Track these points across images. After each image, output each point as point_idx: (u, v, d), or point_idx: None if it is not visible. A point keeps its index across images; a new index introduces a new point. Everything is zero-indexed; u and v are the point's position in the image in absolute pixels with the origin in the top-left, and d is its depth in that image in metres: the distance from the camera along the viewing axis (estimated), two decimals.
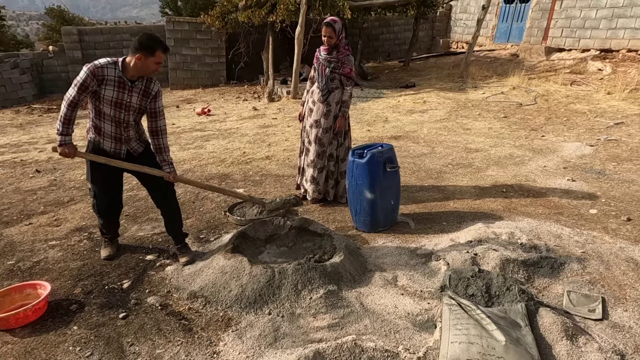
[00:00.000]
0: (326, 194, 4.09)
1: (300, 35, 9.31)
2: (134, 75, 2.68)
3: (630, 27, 9.74)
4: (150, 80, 2.79)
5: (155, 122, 2.87)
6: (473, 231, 3.23)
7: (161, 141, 2.89)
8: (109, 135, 2.81)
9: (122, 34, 13.51)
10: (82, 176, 5.18)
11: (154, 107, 2.84)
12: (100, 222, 3.15)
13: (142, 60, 2.59)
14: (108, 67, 2.62)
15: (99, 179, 2.94)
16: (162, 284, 2.86)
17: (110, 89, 2.65)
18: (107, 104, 2.70)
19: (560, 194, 4.09)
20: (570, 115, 7.08)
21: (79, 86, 2.59)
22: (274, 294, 2.55)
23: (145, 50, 2.57)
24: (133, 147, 2.92)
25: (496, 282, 2.28)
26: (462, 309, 2.00)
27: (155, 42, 2.60)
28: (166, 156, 2.92)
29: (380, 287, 2.69)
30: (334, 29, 3.61)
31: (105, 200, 3.03)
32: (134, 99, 2.74)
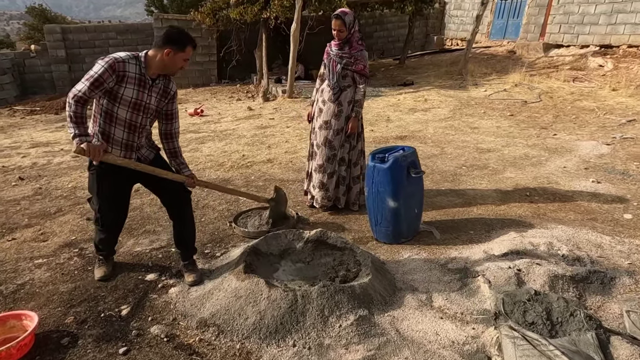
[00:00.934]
0: (336, 201, 3.78)
1: (296, 32, 8.97)
2: (155, 73, 2.38)
3: (631, 22, 9.61)
4: (169, 79, 2.50)
5: (170, 125, 2.60)
6: (507, 242, 2.96)
7: (175, 144, 2.66)
8: (118, 143, 2.47)
9: (107, 32, 13.02)
10: (70, 184, 4.80)
11: (170, 109, 2.57)
12: (99, 238, 2.80)
13: (171, 56, 2.31)
14: (129, 62, 2.30)
15: (107, 191, 2.60)
16: (167, 309, 2.52)
17: (131, 87, 2.33)
18: (125, 106, 2.37)
19: (588, 198, 3.84)
20: (579, 113, 6.88)
21: (92, 81, 2.22)
22: (298, 322, 2.23)
23: (176, 45, 2.30)
24: (144, 154, 2.60)
25: (557, 306, 2.00)
26: (529, 343, 1.72)
27: (186, 36, 2.34)
28: (182, 159, 2.68)
29: (414, 310, 2.39)
30: (344, 22, 3.30)
31: (112, 214, 2.71)
32: (153, 99, 2.44)
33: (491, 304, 2.36)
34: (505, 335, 1.80)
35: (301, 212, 3.78)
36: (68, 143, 6.76)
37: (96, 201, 2.67)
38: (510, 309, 2.03)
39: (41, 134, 7.57)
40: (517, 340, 1.74)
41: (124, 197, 2.72)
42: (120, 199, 2.70)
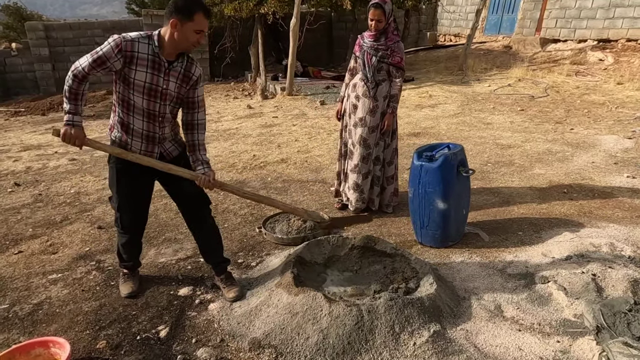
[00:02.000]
0: (370, 203, 3.56)
1: (295, 27, 8.70)
2: (171, 53, 2.08)
3: (629, 16, 9.64)
4: (192, 62, 2.19)
5: (192, 114, 2.28)
6: (565, 243, 2.78)
7: (197, 137, 2.30)
8: (138, 134, 2.20)
9: (93, 30, 12.51)
10: (72, 189, 4.46)
11: (193, 96, 2.25)
12: (121, 242, 2.51)
13: (179, 28, 1.99)
14: (140, 41, 2.02)
15: (125, 186, 2.32)
16: (211, 329, 2.26)
17: (143, 70, 2.05)
18: (139, 92, 2.09)
19: (628, 194, 3.71)
20: (590, 107, 6.81)
21: (95, 57, 1.99)
22: (367, 341, 2.00)
23: (182, 13, 1.97)
24: (167, 148, 2.33)
25: None
26: None
27: (195, 2, 2.00)
28: (202, 154, 2.31)
29: (487, 322, 2.19)
30: (384, 11, 3.07)
31: (132, 213, 2.42)
32: (171, 84, 2.14)
33: (569, 313, 2.18)
34: (620, 352, 1.61)
35: (331, 215, 3.54)
36: (61, 146, 6.37)
37: (115, 198, 2.39)
38: (612, 321, 1.85)
39: (31, 136, 7.14)
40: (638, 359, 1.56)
41: (145, 194, 2.43)
42: (141, 195, 2.42)
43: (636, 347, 1.60)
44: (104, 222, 3.62)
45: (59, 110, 9.46)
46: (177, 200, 2.49)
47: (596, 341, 1.82)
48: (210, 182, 2.28)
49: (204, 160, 2.32)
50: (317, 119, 7.17)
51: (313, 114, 7.58)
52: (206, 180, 2.27)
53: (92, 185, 4.50)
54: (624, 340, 1.66)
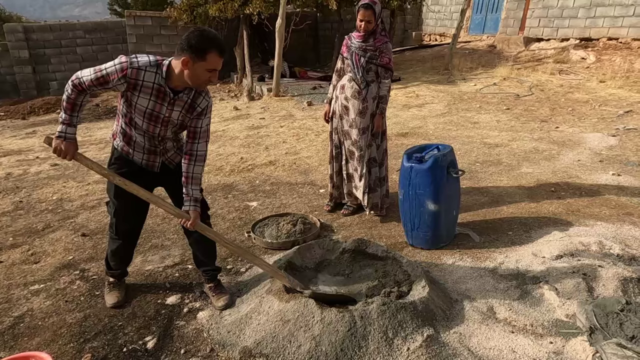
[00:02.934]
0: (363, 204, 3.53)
1: (281, 27, 8.65)
2: (178, 85, 2.00)
3: (610, 15, 9.81)
4: (200, 93, 2.09)
5: (191, 144, 2.15)
6: (555, 242, 2.79)
7: (192, 168, 2.15)
8: (140, 147, 2.17)
9: (75, 31, 12.26)
10: (54, 195, 4.34)
11: (195, 125, 2.13)
12: (112, 248, 2.42)
13: (190, 66, 1.90)
14: (147, 70, 1.94)
15: (124, 193, 2.23)
16: (200, 338, 2.20)
17: (146, 97, 1.99)
18: (140, 115, 2.04)
19: (614, 191, 3.75)
20: (574, 105, 6.90)
21: (98, 75, 1.95)
22: (360, 347, 1.97)
23: (194, 52, 1.87)
24: (169, 157, 2.28)
25: None
26: None
27: (208, 40, 1.89)
28: (193, 189, 2.16)
29: (480, 324, 2.17)
30: (374, 12, 3.04)
31: (128, 220, 2.36)
32: (175, 113, 2.08)
33: (561, 314, 2.18)
34: (613, 354, 1.61)
35: (321, 218, 3.51)
36: (43, 150, 6.22)
37: (112, 204, 2.32)
38: (604, 321, 1.85)
39: (10, 141, 6.95)
40: None
41: (142, 202, 2.32)
42: (139, 203, 2.31)
43: (630, 348, 1.60)
44: (87, 229, 3.52)
45: (40, 114, 9.25)
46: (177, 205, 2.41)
47: (589, 342, 1.82)
48: (190, 224, 2.15)
49: (194, 196, 2.17)
50: (304, 120, 7.13)
51: (300, 115, 7.54)
52: (187, 223, 2.15)
53: (75, 191, 4.39)
54: (617, 342, 1.65)
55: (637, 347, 1.61)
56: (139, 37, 11.59)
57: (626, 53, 9.10)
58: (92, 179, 4.66)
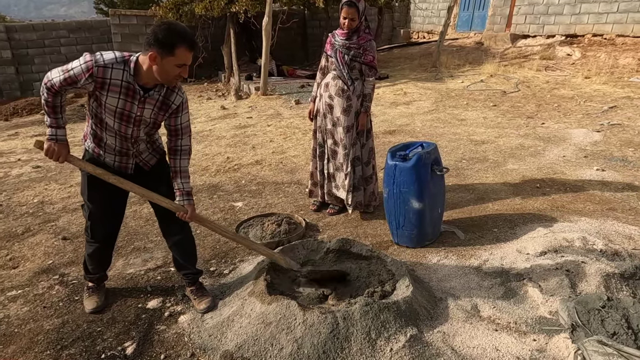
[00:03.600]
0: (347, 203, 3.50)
1: (268, 25, 8.59)
2: (148, 82, 1.94)
3: (594, 12, 9.90)
4: (172, 90, 2.03)
5: (175, 141, 2.15)
6: (539, 239, 2.79)
7: (179, 163, 2.16)
8: (111, 149, 2.10)
9: (58, 31, 12.07)
10: (35, 198, 4.25)
11: (174, 124, 2.11)
12: (89, 251, 2.36)
13: (158, 61, 1.83)
14: (114, 67, 1.87)
15: (98, 196, 2.20)
16: (181, 343, 2.16)
17: (115, 96, 1.92)
18: (110, 115, 1.97)
19: (599, 187, 3.77)
20: (560, 101, 6.94)
21: (66, 77, 1.88)
22: (343, 349, 1.95)
23: (162, 46, 1.80)
24: (144, 158, 2.21)
25: (634, 311, 1.83)
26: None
27: (176, 34, 1.82)
28: (183, 183, 2.18)
29: (464, 323, 2.16)
30: (357, 9, 3.01)
31: (103, 224, 2.29)
32: (146, 112, 2.01)
33: (544, 311, 2.18)
34: (595, 351, 1.60)
35: (307, 218, 3.48)
36: (25, 152, 6.10)
37: (87, 206, 2.27)
38: (586, 318, 1.84)
39: None
40: (613, 357, 1.54)
41: (118, 204, 2.32)
42: (114, 205, 2.29)
43: (611, 345, 1.60)
44: (69, 232, 3.45)
45: (23, 115, 9.08)
46: (156, 206, 2.36)
47: (571, 339, 1.81)
48: (188, 217, 2.19)
49: (185, 189, 2.18)
50: (292, 119, 7.08)
51: (288, 114, 7.49)
52: (184, 215, 2.17)
53: (57, 194, 4.30)
54: (598, 339, 1.65)
55: (618, 344, 1.61)
56: (124, 36, 11.44)
57: (610, 49, 9.20)
58: (74, 181, 4.57)
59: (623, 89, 7.29)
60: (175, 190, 2.18)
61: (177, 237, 2.35)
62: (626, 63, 8.40)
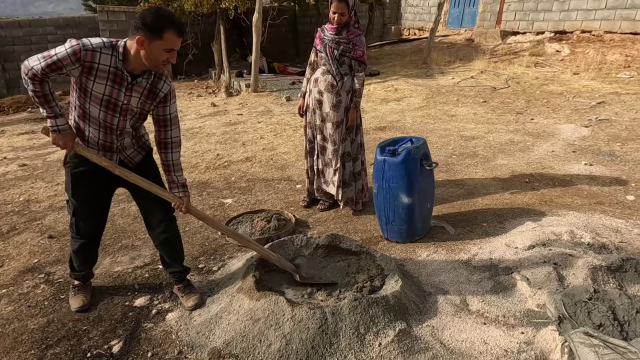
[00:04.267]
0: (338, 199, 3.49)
1: (258, 22, 8.53)
2: (136, 68, 1.89)
3: (583, 8, 9.97)
4: (160, 77, 2.00)
5: (164, 132, 2.12)
6: (528, 233, 2.80)
7: (170, 156, 2.15)
8: (94, 143, 2.05)
9: (45, 27, 11.89)
10: (21, 197, 4.19)
11: (163, 114, 2.08)
12: (74, 248, 2.31)
13: (146, 46, 1.80)
14: (102, 51, 1.82)
15: (83, 193, 2.16)
16: (168, 340, 2.13)
17: (102, 82, 1.87)
18: (96, 103, 1.92)
19: (586, 181, 3.80)
20: (549, 97, 6.99)
21: (49, 62, 1.79)
22: (332, 344, 1.94)
23: (150, 30, 1.77)
24: (128, 154, 2.17)
25: (620, 303, 1.84)
26: (614, 352, 1.53)
27: (164, 18, 1.79)
28: (177, 176, 2.18)
29: (453, 317, 2.16)
30: (347, 4, 2.99)
31: (87, 221, 2.25)
32: (133, 100, 1.97)
33: (532, 304, 2.19)
34: (581, 342, 1.61)
35: (297, 214, 3.47)
36: (11, 150, 6.01)
37: (71, 203, 2.22)
38: (573, 310, 1.85)
39: None
40: (599, 349, 1.55)
41: (103, 200, 2.27)
42: (99, 202, 2.25)
43: (597, 337, 1.60)
44: (55, 230, 3.40)
45: (10, 113, 8.93)
46: (141, 204, 2.32)
47: (558, 332, 1.82)
48: (184, 208, 2.17)
49: (180, 182, 2.18)
50: (282, 116, 7.06)
51: (279, 111, 7.46)
52: (181, 207, 2.16)
53: (43, 192, 4.24)
54: (585, 330, 1.66)
55: (604, 335, 1.61)
56: (113, 32, 11.29)
57: (599, 45, 9.28)
58: (61, 179, 4.50)
59: (611, 85, 7.37)
60: (170, 183, 2.17)
61: (163, 235, 2.32)
62: (614, 59, 8.48)
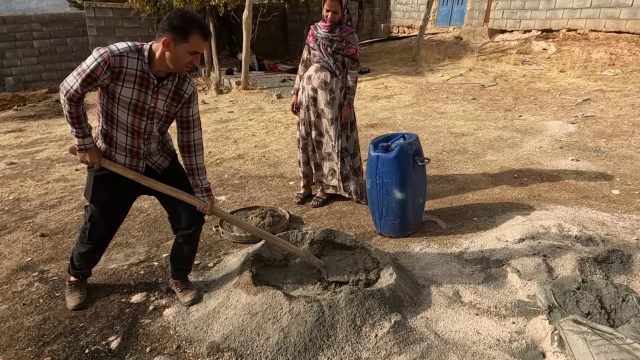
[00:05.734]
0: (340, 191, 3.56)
1: (248, 19, 8.51)
2: (161, 71, 1.92)
3: (569, 7, 10.14)
4: (184, 79, 2.02)
5: (187, 135, 2.12)
6: (518, 226, 2.87)
7: (195, 160, 2.16)
8: (122, 148, 2.06)
9: (30, 24, 11.69)
10: (10, 195, 4.14)
11: (186, 115, 2.09)
12: (81, 250, 2.30)
13: (171, 47, 1.82)
14: (129, 56, 1.84)
15: (104, 198, 2.15)
16: (166, 336, 2.15)
17: (130, 86, 1.89)
18: (124, 108, 1.94)
19: (573, 176, 3.89)
20: (536, 94, 7.11)
21: (84, 77, 1.82)
22: (329, 336, 1.97)
23: (176, 32, 1.80)
24: (155, 161, 2.18)
25: (607, 292, 1.91)
26: (602, 338, 1.60)
27: (191, 20, 1.82)
28: (201, 180, 2.19)
29: (446, 308, 2.22)
30: (340, 2, 3.02)
31: (103, 226, 2.25)
32: (159, 103, 1.99)
33: (523, 294, 2.25)
34: (570, 330, 1.67)
35: (291, 210, 3.49)
36: None
37: (90, 208, 2.22)
38: (562, 300, 1.91)
39: None
40: (587, 335, 1.61)
41: (122, 207, 2.28)
42: (118, 209, 2.26)
43: (585, 324, 1.67)
44: (47, 229, 3.38)
45: None
46: (169, 209, 2.30)
47: (548, 320, 1.88)
48: (209, 211, 2.21)
49: (204, 187, 2.20)
50: (274, 113, 7.07)
51: (270, 108, 7.47)
52: (205, 209, 2.19)
53: (33, 191, 4.20)
54: (573, 318, 1.72)
55: (592, 323, 1.68)
56: (100, 29, 11.17)
57: (584, 44, 9.45)
58: (51, 178, 4.47)
59: (596, 82, 7.52)
60: (194, 187, 2.19)
61: (189, 238, 2.30)
62: (599, 57, 8.65)
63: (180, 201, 2.18)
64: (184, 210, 2.22)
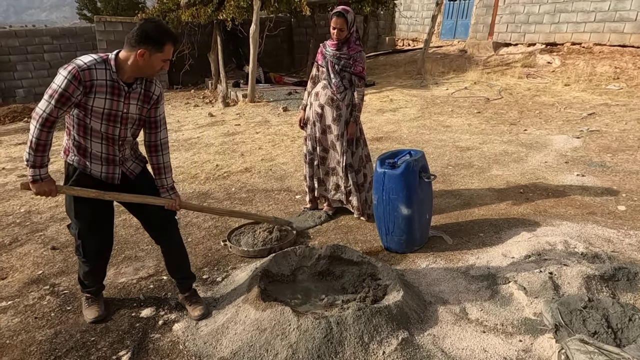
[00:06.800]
0: None
1: (255, 33, 8.64)
2: (130, 77, 1.99)
3: (572, 21, 10.21)
4: (151, 81, 2.11)
5: (155, 134, 2.21)
6: (523, 243, 2.89)
7: (162, 159, 2.26)
8: (97, 157, 2.10)
9: (41, 37, 11.90)
10: (22, 208, 4.21)
11: (154, 115, 2.18)
12: (84, 270, 2.37)
13: (146, 58, 1.91)
14: (97, 67, 1.90)
15: (85, 213, 2.20)
16: (176, 351, 2.18)
17: (102, 97, 1.94)
18: (97, 118, 1.99)
19: (579, 191, 3.90)
20: (541, 108, 7.14)
21: (57, 98, 1.85)
22: (337, 353, 1.99)
23: (152, 44, 1.90)
24: (129, 167, 2.24)
25: (613, 311, 1.92)
26: (609, 358, 1.61)
27: (165, 32, 1.95)
28: (167, 178, 2.29)
29: (453, 325, 2.23)
30: (346, 20, 3.09)
31: (95, 239, 2.30)
32: (132, 107, 2.06)
33: (529, 312, 2.26)
34: (577, 350, 1.68)
35: None
36: (9, 161, 6.03)
37: (75, 224, 2.27)
38: (569, 318, 1.93)
39: None
40: (594, 355, 1.63)
41: (106, 215, 2.32)
42: (102, 218, 2.30)
43: (592, 344, 1.68)
44: (57, 242, 3.44)
45: (6, 123, 8.94)
46: (140, 217, 2.38)
47: (555, 339, 1.89)
48: (178, 207, 2.30)
49: (169, 185, 2.30)
50: (280, 126, 7.14)
51: (276, 121, 7.55)
52: (174, 206, 2.28)
53: (44, 203, 4.27)
54: (580, 338, 1.73)
55: (599, 342, 1.69)
56: (110, 43, 11.36)
57: (589, 57, 9.50)
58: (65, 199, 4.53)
59: (601, 96, 7.54)
60: (160, 188, 2.28)
61: (167, 241, 2.38)
62: (603, 71, 8.69)
63: (148, 205, 2.25)
64: (152, 213, 2.29)
